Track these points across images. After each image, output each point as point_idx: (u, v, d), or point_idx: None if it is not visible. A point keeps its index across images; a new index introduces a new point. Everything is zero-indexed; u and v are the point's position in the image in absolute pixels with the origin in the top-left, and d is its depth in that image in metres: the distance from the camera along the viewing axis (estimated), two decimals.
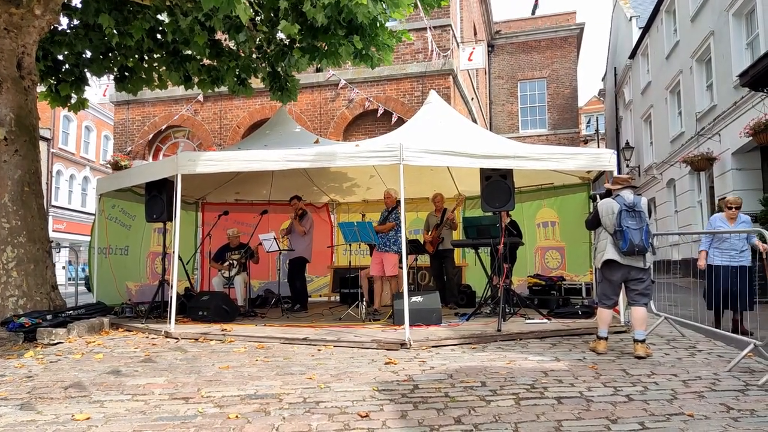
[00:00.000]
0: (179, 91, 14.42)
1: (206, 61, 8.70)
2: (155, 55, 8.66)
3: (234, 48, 8.38)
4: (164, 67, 8.61)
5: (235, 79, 8.88)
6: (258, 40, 8.13)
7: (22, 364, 4.94)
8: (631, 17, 22.67)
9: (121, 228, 8.67)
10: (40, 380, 4.30)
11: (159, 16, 7.94)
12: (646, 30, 19.87)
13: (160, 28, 8.11)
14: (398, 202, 7.02)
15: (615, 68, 26.19)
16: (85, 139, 31.64)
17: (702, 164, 13.35)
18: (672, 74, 16.93)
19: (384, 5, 6.91)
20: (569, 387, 3.83)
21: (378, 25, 7.37)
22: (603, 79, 31.02)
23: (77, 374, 4.47)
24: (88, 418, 3.33)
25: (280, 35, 8.22)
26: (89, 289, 8.67)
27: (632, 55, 21.89)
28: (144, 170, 7.56)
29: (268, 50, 8.38)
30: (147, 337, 6.28)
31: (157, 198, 7.33)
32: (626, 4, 23.71)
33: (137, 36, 7.45)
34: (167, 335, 6.19)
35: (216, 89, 9.18)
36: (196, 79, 8.81)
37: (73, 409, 3.50)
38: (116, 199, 8.46)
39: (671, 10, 17.37)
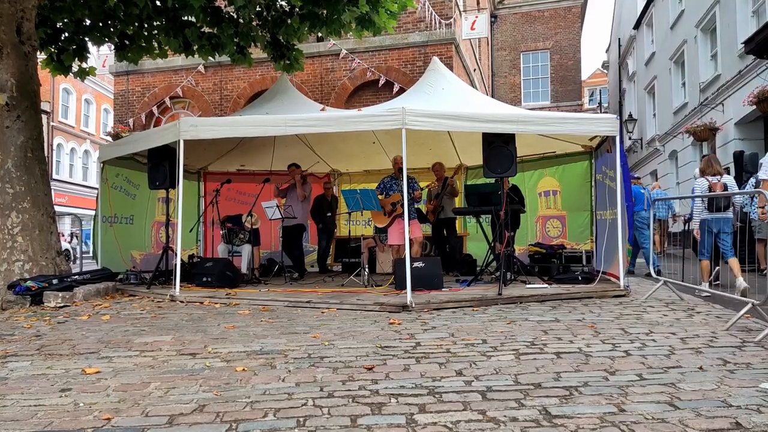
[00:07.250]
0: (179, 61, 14.31)
1: (206, 29, 8.61)
2: (155, 23, 8.57)
3: (234, 15, 8.29)
4: (164, 35, 8.54)
5: (235, 47, 8.80)
6: (258, 6, 8.03)
7: (31, 324, 5.02)
8: None
9: (125, 197, 8.70)
10: (48, 339, 4.38)
11: None
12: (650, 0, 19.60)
13: None
14: (400, 170, 6.99)
15: (619, 39, 25.89)
16: (85, 112, 31.47)
17: (705, 134, 13.30)
18: (676, 44, 16.75)
19: None
20: (568, 344, 3.90)
21: None
22: (607, 51, 30.69)
23: (85, 333, 4.55)
24: (97, 372, 3.40)
25: (281, 2, 8.14)
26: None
27: (637, 26, 21.62)
28: (146, 136, 7.56)
29: (268, 17, 8.29)
30: (153, 301, 6.36)
31: (159, 165, 7.34)
32: None
33: (141, 3, 7.37)
34: (172, 299, 6.28)
35: (216, 58, 9.11)
36: (195, 47, 8.73)
37: (82, 364, 3.57)
38: (120, 167, 8.47)
39: None
